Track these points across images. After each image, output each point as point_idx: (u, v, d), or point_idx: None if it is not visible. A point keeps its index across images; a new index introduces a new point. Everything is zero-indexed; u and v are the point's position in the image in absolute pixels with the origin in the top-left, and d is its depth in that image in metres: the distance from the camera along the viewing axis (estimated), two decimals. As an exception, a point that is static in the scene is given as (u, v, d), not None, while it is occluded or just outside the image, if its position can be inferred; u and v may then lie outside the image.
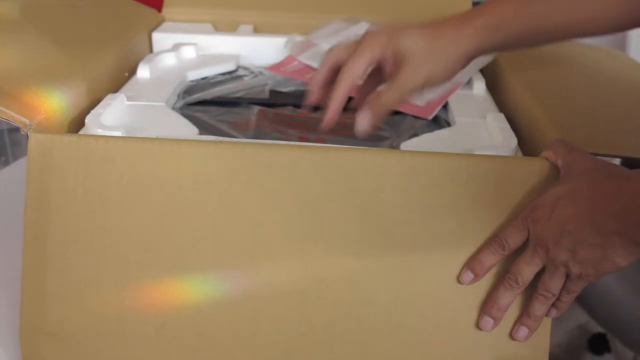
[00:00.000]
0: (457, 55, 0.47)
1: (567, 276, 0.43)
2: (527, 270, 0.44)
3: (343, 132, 0.60)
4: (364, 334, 0.47)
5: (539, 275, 0.45)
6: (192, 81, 0.71)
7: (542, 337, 0.47)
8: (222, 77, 0.73)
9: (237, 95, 0.69)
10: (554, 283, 0.44)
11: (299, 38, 0.77)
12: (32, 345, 0.48)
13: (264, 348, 0.48)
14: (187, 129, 0.56)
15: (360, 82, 0.49)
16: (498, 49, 0.49)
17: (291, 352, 0.48)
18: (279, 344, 0.48)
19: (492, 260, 0.46)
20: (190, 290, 0.47)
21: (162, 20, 0.86)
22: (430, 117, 0.64)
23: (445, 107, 0.66)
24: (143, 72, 0.68)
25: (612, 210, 0.40)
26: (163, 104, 0.61)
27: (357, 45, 0.49)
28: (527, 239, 0.45)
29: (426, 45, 0.47)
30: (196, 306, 0.47)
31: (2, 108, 0.47)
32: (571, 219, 0.41)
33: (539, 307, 0.45)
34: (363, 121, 0.49)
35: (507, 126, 0.57)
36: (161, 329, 0.47)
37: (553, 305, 0.45)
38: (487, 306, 0.46)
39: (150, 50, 0.80)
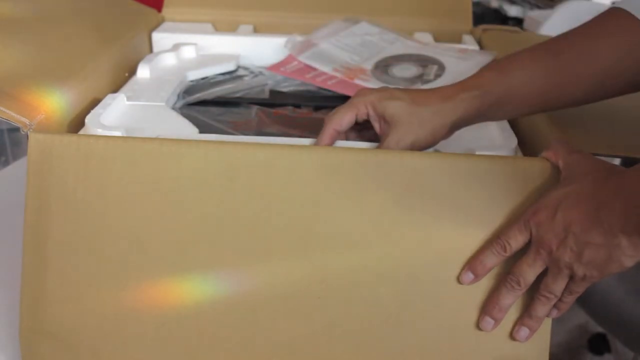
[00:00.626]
0: (443, 125, 0.51)
1: (571, 278, 0.43)
2: (529, 272, 0.44)
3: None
4: (364, 334, 0.47)
5: (540, 275, 0.44)
6: (192, 81, 0.71)
7: (542, 338, 0.47)
8: (222, 77, 0.73)
9: (237, 95, 0.69)
10: (557, 285, 0.43)
11: (299, 38, 0.77)
12: (31, 345, 0.48)
13: (263, 348, 0.48)
14: (187, 129, 0.56)
15: (343, 129, 0.53)
16: (483, 118, 0.52)
17: (291, 352, 0.48)
18: (279, 344, 0.48)
19: (493, 261, 0.46)
20: (190, 290, 0.47)
21: (162, 20, 0.86)
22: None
23: (446, 107, 0.65)
24: (143, 72, 0.68)
25: (617, 208, 0.40)
26: (163, 104, 0.61)
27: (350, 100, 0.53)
28: (529, 241, 0.45)
29: (412, 113, 0.50)
30: (196, 306, 0.47)
31: (2, 108, 0.47)
32: (576, 220, 0.41)
33: (540, 308, 0.45)
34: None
35: (507, 126, 0.57)
36: (161, 329, 0.47)
37: (554, 305, 0.45)
38: (488, 307, 0.46)
39: (150, 50, 0.80)
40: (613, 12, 0.50)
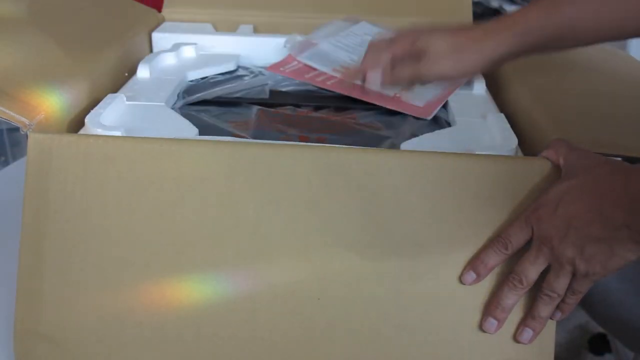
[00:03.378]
0: (479, 59, 0.51)
1: (573, 275, 0.43)
2: (531, 269, 0.44)
3: (343, 132, 0.60)
4: (364, 335, 0.47)
5: (543, 275, 0.44)
6: (192, 81, 0.71)
7: (546, 340, 0.47)
8: (222, 77, 0.73)
9: (237, 95, 0.69)
10: (559, 282, 0.43)
11: (299, 38, 0.77)
12: (26, 347, 0.47)
13: (263, 349, 0.48)
14: (187, 129, 0.56)
15: (384, 64, 0.55)
16: (524, 55, 0.52)
17: (291, 353, 0.48)
18: (278, 345, 0.48)
19: (494, 260, 0.45)
20: (189, 291, 0.47)
21: (162, 20, 0.86)
22: (430, 117, 0.64)
23: (445, 107, 0.65)
24: (143, 72, 0.68)
25: (621, 203, 0.39)
26: (163, 104, 0.61)
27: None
28: (531, 239, 0.44)
29: (450, 44, 0.52)
30: (195, 307, 0.47)
31: (2, 108, 0.47)
32: (578, 214, 0.41)
33: (543, 308, 0.45)
34: (374, 79, 0.55)
35: (507, 126, 0.57)
36: (160, 330, 0.47)
37: (558, 307, 0.45)
38: (490, 307, 0.46)
39: (150, 50, 0.80)
40: None
